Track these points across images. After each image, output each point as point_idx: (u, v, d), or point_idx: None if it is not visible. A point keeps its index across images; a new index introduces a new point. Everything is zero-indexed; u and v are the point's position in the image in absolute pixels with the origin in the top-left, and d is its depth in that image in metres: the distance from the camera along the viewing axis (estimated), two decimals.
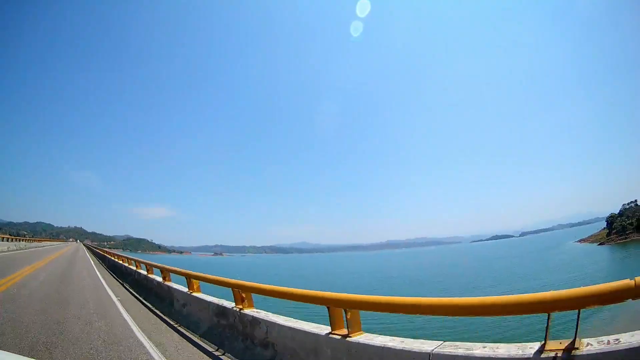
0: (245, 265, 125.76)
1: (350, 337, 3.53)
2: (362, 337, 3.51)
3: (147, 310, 8.65)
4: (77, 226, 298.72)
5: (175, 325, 6.91)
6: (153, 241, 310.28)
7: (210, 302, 6.40)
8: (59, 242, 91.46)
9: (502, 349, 2.63)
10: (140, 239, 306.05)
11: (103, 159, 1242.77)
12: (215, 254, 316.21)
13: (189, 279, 7.61)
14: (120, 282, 14.09)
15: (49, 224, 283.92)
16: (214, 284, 6.46)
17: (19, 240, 42.64)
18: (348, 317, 3.63)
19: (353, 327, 3.62)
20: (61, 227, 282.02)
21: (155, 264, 11.18)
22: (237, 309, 5.39)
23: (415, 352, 2.94)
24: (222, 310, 5.89)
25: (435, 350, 2.85)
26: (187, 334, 6.32)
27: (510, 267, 55.40)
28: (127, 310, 8.12)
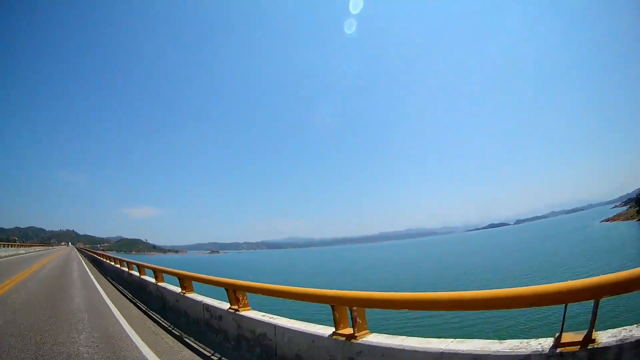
0: (246, 262, 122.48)
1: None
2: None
3: None
4: (70, 229, 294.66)
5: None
6: (147, 241, 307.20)
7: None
8: (42, 247, 67.77)
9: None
10: (134, 239, 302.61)
11: (92, 160, 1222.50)
12: (212, 251, 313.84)
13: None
14: None
15: (41, 228, 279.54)
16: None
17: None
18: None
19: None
20: (53, 231, 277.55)
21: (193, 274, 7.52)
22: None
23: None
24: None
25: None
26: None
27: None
28: None
